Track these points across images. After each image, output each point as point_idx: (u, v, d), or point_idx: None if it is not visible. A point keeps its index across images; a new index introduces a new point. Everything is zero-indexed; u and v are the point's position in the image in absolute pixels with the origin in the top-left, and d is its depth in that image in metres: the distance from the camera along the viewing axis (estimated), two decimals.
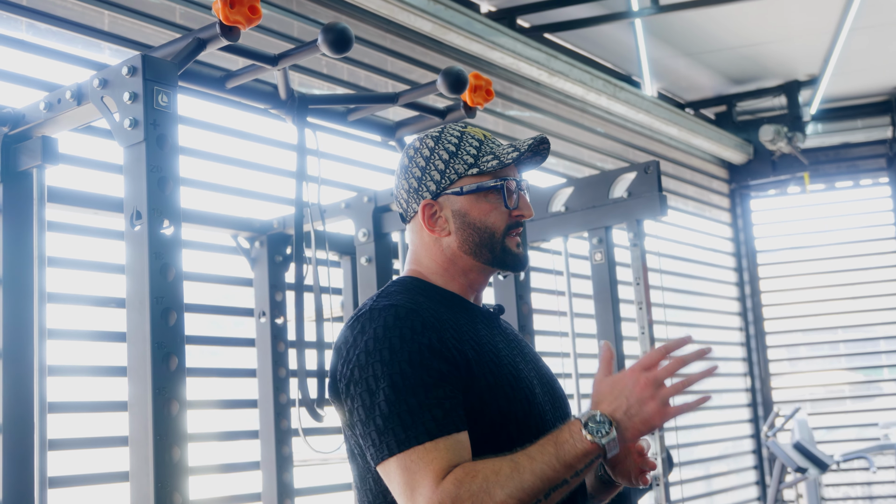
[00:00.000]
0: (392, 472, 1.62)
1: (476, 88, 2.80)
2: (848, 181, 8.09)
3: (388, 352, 1.66)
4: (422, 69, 4.93)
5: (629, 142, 6.72)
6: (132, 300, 2.01)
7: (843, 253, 7.99)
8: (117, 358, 3.17)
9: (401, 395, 1.63)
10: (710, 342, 7.41)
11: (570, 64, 5.67)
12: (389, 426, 1.62)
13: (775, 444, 6.32)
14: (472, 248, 1.83)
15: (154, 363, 1.97)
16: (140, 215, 2.01)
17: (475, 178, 1.83)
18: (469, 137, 1.85)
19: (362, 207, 3.23)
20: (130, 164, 2.05)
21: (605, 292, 3.58)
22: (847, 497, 7.80)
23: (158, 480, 1.94)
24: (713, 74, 7.20)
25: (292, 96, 2.64)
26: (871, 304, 7.92)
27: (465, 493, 1.55)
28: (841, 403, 8.03)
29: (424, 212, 1.85)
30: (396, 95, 2.79)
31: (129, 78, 2.05)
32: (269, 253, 3.47)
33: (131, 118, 2.04)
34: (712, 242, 7.77)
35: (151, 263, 1.99)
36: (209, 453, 3.51)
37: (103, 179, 3.24)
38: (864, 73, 7.35)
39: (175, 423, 1.98)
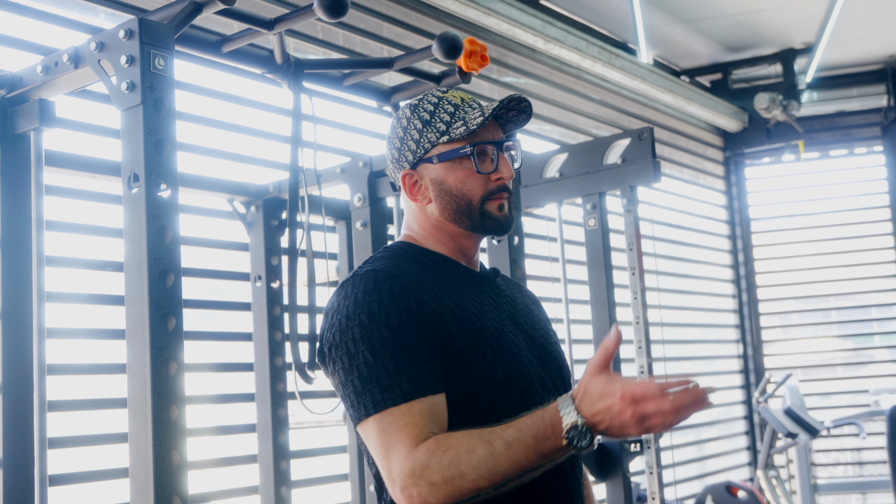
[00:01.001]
0: (369, 432, 1.65)
1: (471, 54, 2.80)
2: (842, 150, 8.11)
3: (366, 316, 1.69)
4: (417, 35, 4.92)
5: (624, 109, 6.73)
6: (130, 262, 2.03)
7: (836, 221, 8.02)
8: (115, 321, 3.20)
9: (378, 358, 1.66)
10: (703, 309, 7.45)
11: (566, 31, 5.67)
12: (367, 388, 1.65)
13: (766, 410, 6.37)
14: (451, 215, 1.85)
15: (152, 324, 1.99)
16: (137, 178, 2.03)
17: (447, 145, 1.84)
18: (445, 104, 1.86)
19: (357, 172, 3.25)
20: (128, 128, 2.06)
21: (599, 258, 3.61)
22: (836, 462, 7.89)
23: (157, 439, 1.97)
24: (709, 42, 7.20)
25: (288, 61, 2.65)
26: (863, 273, 7.96)
27: (436, 466, 1.57)
28: (832, 370, 8.09)
29: (405, 181, 1.88)
30: (392, 60, 2.80)
31: (125, 41, 2.06)
32: (264, 217, 3.49)
33: (128, 81, 2.05)
34: (706, 210, 7.79)
35: (149, 226, 2.01)
36: (205, 416, 3.55)
37: (99, 143, 3.25)
38: (860, 41, 7.35)
39: (173, 383, 2.01)
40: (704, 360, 7.50)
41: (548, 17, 5.53)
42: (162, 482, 1.97)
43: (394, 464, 1.60)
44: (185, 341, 2.06)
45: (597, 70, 6.06)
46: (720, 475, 7.18)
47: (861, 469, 7.81)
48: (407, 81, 3.02)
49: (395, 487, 1.61)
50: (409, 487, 1.58)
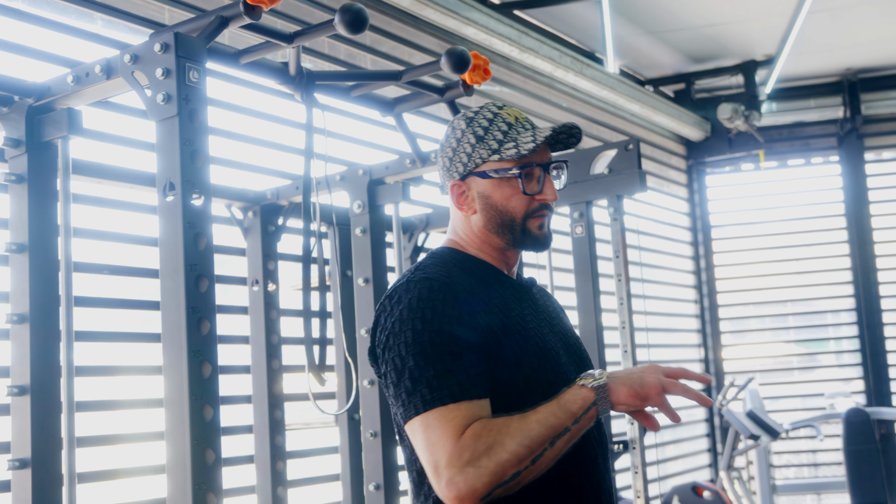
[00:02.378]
0: (416, 430, 1.74)
1: (475, 67, 2.91)
2: (800, 159, 8.34)
3: (419, 321, 1.78)
4: (393, 41, 5.01)
5: (593, 117, 6.87)
6: (166, 268, 2.11)
7: (793, 229, 8.24)
8: (136, 324, 3.29)
9: (429, 362, 1.75)
10: (667, 314, 7.62)
11: (540, 41, 5.79)
12: (417, 389, 1.74)
13: (730, 413, 6.55)
14: (495, 228, 1.95)
15: (189, 328, 2.07)
16: (174, 187, 2.10)
17: (497, 163, 1.93)
18: (500, 121, 1.94)
19: (357, 180, 3.33)
20: (163, 138, 2.13)
21: (586, 265, 3.73)
22: (793, 464, 8.10)
23: (194, 438, 2.05)
24: (673, 53, 7.37)
25: (301, 73, 2.73)
26: (818, 280, 8.19)
27: (482, 446, 1.68)
28: (789, 374, 8.31)
29: (454, 190, 1.98)
30: (399, 73, 2.90)
31: (161, 54, 2.14)
32: (262, 223, 3.56)
33: (164, 93, 2.12)
34: (670, 217, 7.97)
35: (185, 233, 2.09)
36: None
37: (115, 153, 3.31)
38: (819, 54, 7.57)
39: (208, 384, 2.09)
40: (668, 364, 7.65)
41: (523, 28, 5.65)
42: (199, 479, 2.04)
43: (439, 456, 1.69)
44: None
45: (568, 79, 6.19)
46: (682, 477, 7.35)
47: (817, 470, 8.03)
48: (409, 93, 3.11)
49: (441, 480, 1.69)
50: (456, 475, 1.67)
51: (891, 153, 8.30)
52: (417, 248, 3.94)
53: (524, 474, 1.69)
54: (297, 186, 3.45)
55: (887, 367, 7.94)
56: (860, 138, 8.13)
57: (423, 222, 3.94)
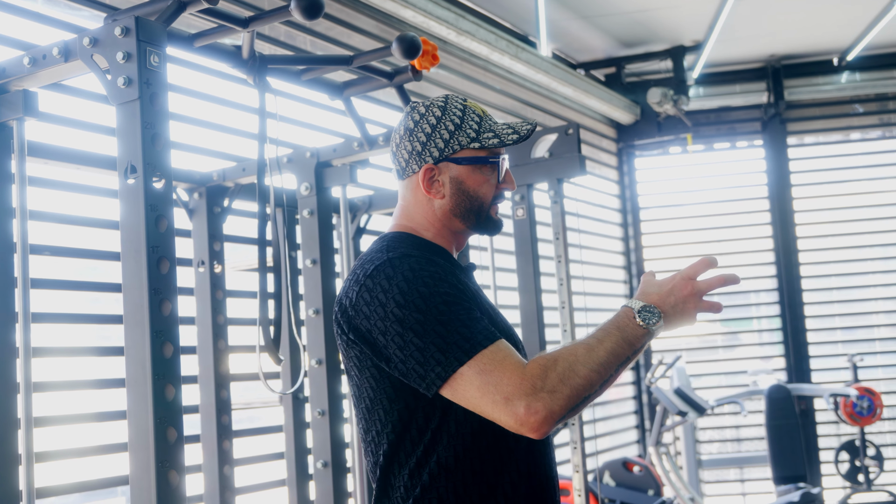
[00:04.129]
0: (467, 380, 1.78)
1: (424, 53, 2.97)
2: (726, 143, 8.55)
3: (423, 287, 1.85)
4: (329, 22, 5.02)
5: (527, 101, 6.97)
6: (128, 250, 2.13)
7: (719, 211, 8.45)
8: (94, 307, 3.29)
9: (450, 317, 1.82)
10: (600, 294, 7.78)
11: (477, 24, 5.86)
12: (450, 344, 1.80)
13: (658, 390, 6.72)
14: (461, 213, 2.05)
15: (151, 309, 2.10)
16: (135, 169, 2.13)
17: (475, 151, 2.04)
18: (471, 112, 2.06)
19: (305, 162, 3.37)
20: (124, 122, 2.15)
21: (527, 246, 3.81)
22: (715, 440, 8.34)
23: (157, 417, 2.08)
24: (605, 37, 7.50)
25: (254, 57, 2.76)
26: (743, 260, 8.42)
27: (552, 373, 1.76)
28: (714, 353, 8.54)
29: (425, 175, 2.05)
30: (350, 58, 2.94)
31: (122, 38, 2.15)
32: (208, 204, 3.58)
33: (125, 77, 2.14)
34: (601, 199, 8.12)
35: (147, 215, 2.11)
36: None
37: (72, 136, 3.30)
38: (745, 40, 7.77)
39: (170, 364, 2.12)
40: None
41: (460, 11, 5.71)
42: (162, 457, 2.08)
43: (509, 389, 1.75)
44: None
45: (504, 63, 6.27)
46: (612, 453, 7.53)
47: (740, 445, 8.28)
48: (358, 78, 3.16)
49: (517, 409, 1.74)
50: (533, 402, 1.74)
51: (812, 138, 8.56)
52: (360, 230, 3.99)
53: (592, 398, 1.81)
54: (243, 168, 3.48)
55: (807, 345, 8.22)
56: (783, 123, 8.36)
57: (367, 204, 3.99)
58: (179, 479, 2.11)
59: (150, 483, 2.06)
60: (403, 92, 3.14)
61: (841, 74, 8.37)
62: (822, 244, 8.35)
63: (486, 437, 1.92)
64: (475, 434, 1.92)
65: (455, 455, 1.91)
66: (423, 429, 1.92)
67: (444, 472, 1.91)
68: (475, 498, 1.92)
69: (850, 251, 8.31)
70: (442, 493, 1.91)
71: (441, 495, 1.91)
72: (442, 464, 1.91)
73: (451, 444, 1.91)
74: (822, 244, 8.35)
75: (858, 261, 8.33)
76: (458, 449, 1.91)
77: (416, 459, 1.93)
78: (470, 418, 1.90)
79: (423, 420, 1.92)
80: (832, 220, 8.34)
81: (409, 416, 1.93)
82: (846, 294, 8.34)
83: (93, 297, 3.37)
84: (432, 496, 1.91)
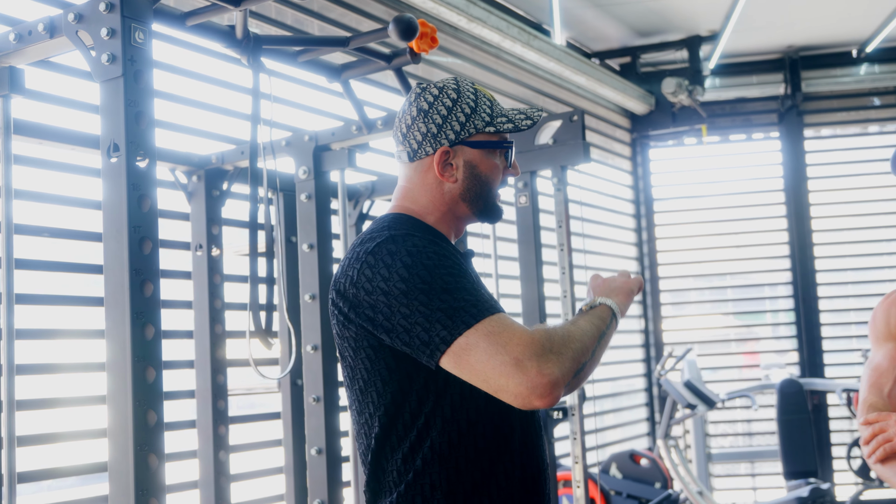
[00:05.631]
0: (473, 343, 1.76)
1: (422, 35, 2.92)
2: (742, 134, 8.45)
3: (428, 260, 1.83)
4: (342, 8, 4.99)
5: (539, 89, 6.90)
6: (109, 230, 2.10)
7: (734, 203, 8.36)
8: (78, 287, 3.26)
9: (456, 287, 1.81)
10: None
11: (488, 11, 5.79)
12: (458, 310, 1.78)
13: (668, 382, 6.66)
14: (471, 197, 2.03)
15: (132, 290, 2.06)
16: (118, 148, 2.09)
17: (489, 135, 2.02)
18: (483, 97, 2.04)
19: (303, 146, 3.33)
20: (108, 99, 2.12)
21: (529, 234, 3.77)
22: (728, 433, 8.27)
23: (136, 400, 2.05)
24: (620, 26, 7.41)
25: (248, 36, 2.72)
26: (757, 253, 8.33)
27: (557, 339, 1.78)
28: (726, 346, 8.46)
29: (440, 157, 2.00)
30: (347, 39, 2.89)
31: (106, 14, 2.12)
32: (206, 187, 3.55)
33: (109, 53, 2.11)
34: (614, 189, 8.04)
35: (129, 194, 2.08)
36: None
37: (58, 114, 3.26)
38: (762, 31, 7.67)
39: (151, 346, 2.09)
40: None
41: None
42: (141, 441, 2.05)
43: (519, 351, 1.74)
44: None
45: (516, 50, 6.20)
46: (621, 445, 7.47)
47: (751, 440, 8.21)
48: (357, 60, 3.11)
49: (528, 371, 1.73)
50: (544, 364, 1.73)
51: (829, 130, 8.46)
52: (363, 216, 3.95)
53: (588, 366, 1.84)
54: (242, 151, 3.44)
55: (821, 339, 8.12)
56: (800, 115, 8.26)
57: (369, 190, 3.95)
58: (159, 464, 2.07)
59: (128, 467, 2.03)
60: (402, 75, 3.10)
61: (859, 66, 8.25)
62: (837, 238, 8.24)
63: (481, 424, 1.90)
64: (470, 421, 1.89)
65: (450, 441, 1.88)
66: (417, 413, 1.89)
67: (438, 458, 1.88)
68: (468, 485, 1.88)
69: (865, 245, 8.21)
70: (435, 480, 1.87)
71: (434, 481, 1.87)
72: (436, 449, 1.87)
73: (446, 430, 1.88)
74: (838, 238, 8.24)
75: (874, 255, 8.23)
76: (453, 435, 1.88)
77: (410, 444, 1.89)
78: (466, 404, 1.87)
79: (416, 403, 1.88)
80: (848, 214, 8.23)
81: (403, 398, 1.89)
82: (861, 288, 8.23)
83: (80, 279, 3.32)
84: (425, 482, 1.88)
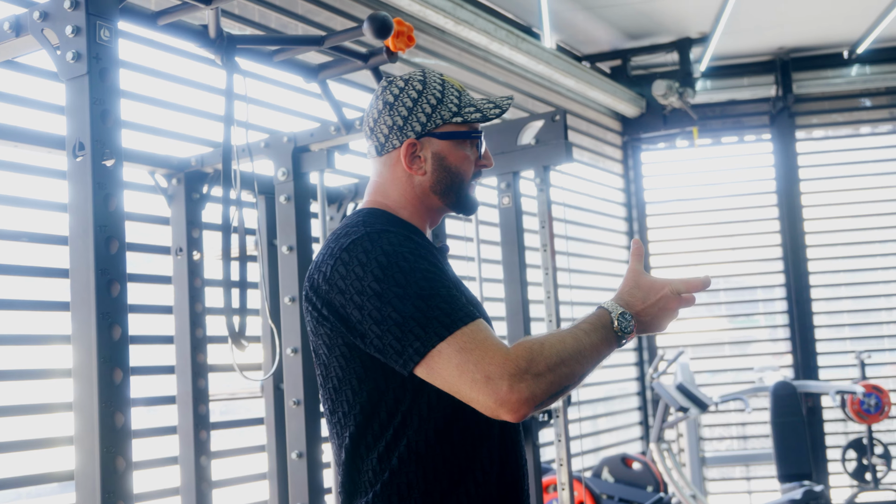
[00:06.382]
0: (445, 357, 1.71)
1: (398, 34, 2.89)
2: (733, 137, 8.43)
3: (403, 261, 1.78)
4: (328, 12, 4.97)
5: (529, 92, 6.88)
6: (75, 230, 2.07)
7: (726, 206, 8.34)
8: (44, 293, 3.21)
9: (430, 292, 1.75)
10: (601, 289, 7.69)
11: (475, 13, 5.78)
12: (430, 319, 1.72)
13: (660, 386, 6.63)
14: (442, 189, 1.99)
15: (98, 290, 2.03)
16: (83, 147, 2.06)
17: (457, 126, 1.98)
18: (450, 87, 2.00)
19: (282, 147, 3.30)
20: (73, 97, 2.09)
21: (512, 235, 3.74)
22: (722, 437, 8.24)
23: (102, 402, 2.02)
24: (609, 28, 7.40)
25: (221, 36, 2.69)
26: (749, 255, 8.31)
27: (539, 358, 1.71)
28: (720, 349, 8.43)
29: (407, 150, 1.97)
30: (322, 38, 2.87)
31: (71, 11, 2.09)
32: (186, 190, 3.52)
33: (74, 51, 2.08)
34: (605, 193, 8.02)
35: (95, 193, 2.05)
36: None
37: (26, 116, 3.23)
38: (752, 32, 7.65)
39: (118, 347, 2.06)
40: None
41: (458, 0, 5.63)
42: (108, 444, 2.01)
43: (491, 368, 1.68)
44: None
45: (504, 53, 6.19)
46: (615, 448, 7.44)
47: (745, 443, 8.18)
48: (334, 59, 3.09)
49: (498, 388, 1.68)
50: (516, 384, 1.67)
51: (821, 132, 8.44)
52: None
53: (570, 389, 1.78)
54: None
55: (814, 341, 8.10)
56: (792, 117, 8.24)
57: (352, 192, 3.92)
58: (126, 468, 2.04)
59: (94, 470, 1.99)
60: (379, 74, 3.07)
61: (851, 67, 8.24)
62: (830, 239, 8.22)
63: (458, 423, 1.86)
64: (447, 419, 1.85)
65: (426, 440, 1.84)
66: (393, 411, 1.85)
67: (415, 458, 1.84)
68: (445, 484, 1.85)
69: (859, 247, 8.19)
70: (412, 479, 1.84)
71: (411, 481, 1.84)
72: (412, 448, 1.84)
73: (423, 429, 1.84)
74: (831, 239, 8.22)
75: (867, 256, 8.21)
76: (430, 434, 1.84)
77: (386, 443, 1.86)
78: (443, 402, 1.83)
79: (392, 402, 1.85)
80: (841, 216, 8.21)
81: (379, 397, 1.85)
82: (855, 290, 8.21)
83: (46, 284, 3.27)
84: (401, 481, 1.84)
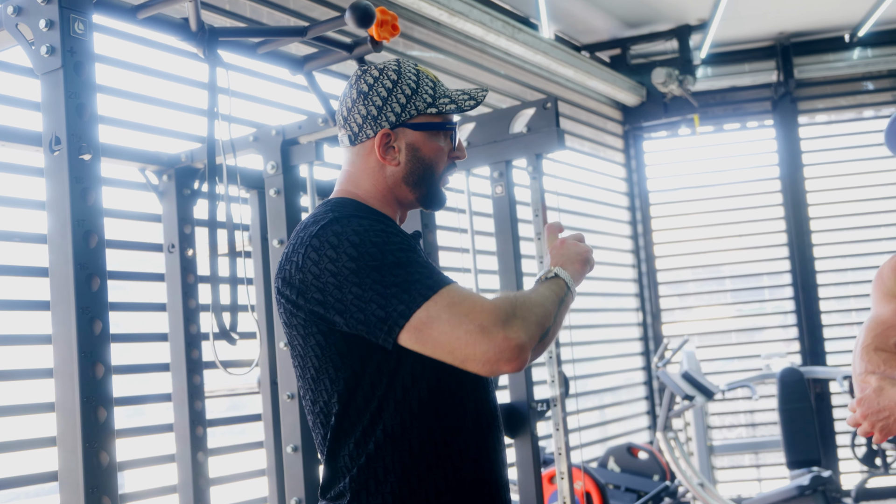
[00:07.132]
0: (433, 314, 1.72)
1: (382, 23, 2.87)
2: (735, 123, 8.38)
3: (376, 238, 1.79)
4: (323, 7, 4.95)
5: (527, 83, 6.85)
6: (54, 225, 2.06)
7: (730, 193, 8.30)
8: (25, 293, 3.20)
9: (410, 260, 1.78)
10: (605, 279, 7.66)
11: (470, 5, 5.75)
12: (413, 279, 1.74)
13: (665, 374, 6.61)
14: (414, 181, 1.99)
15: (77, 285, 2.03)
16: (59, 141, 2.06)
17: (431, 117, 1.98)
18: (425, 77, 2.00)
19: (270, 140, 3.29)
20: (48, 92, 2.08)
21: (506, 224, 3.72)
22: (730, 425, 8.20)
23: (84, 399, 2.01)
24: (608, 18, 7.36)
25: (203, 28, 2.68)
26: (755, 242, 8.26)
27: (520, 305, 1.76)
28: (726, 337, 8.39)
29: (381, 140, 1.96)
30: (305, 29, 2.85)
31: (44, 5, 2.08)
32: (177, 186, 3.51)
33: (48, 45, 2.07)
34: (607, 182, 7.99)
35: (72, 188, 2.04)
36: (120, 385, 3.55)
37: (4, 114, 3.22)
38: (752, 18, 7.60)
39: (98, 342, 2.05)
40: (606, 328, 7.71)
41: None
42: (90, 438, 2.01)
43: (482, 318, 1.70)
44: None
45: (500, 44, 6.16)
46: (621, 438, 7.41)
47: (754, 430, 8.14)
48: (319, 50, 3.07)
49: (494, 337, 1.70)
50: (510, 331, 1.70)
51: (824, 116, 8.39)
52: None
53: (552, 330, 1.82)
54: None
55: (821, 327, 8.06)
56: (794, 102, 8.19)
57: None
58: (110, 463, 2.03)
59: (77, 466, 1.98)
60: (364, 64, 3.05)
61: (852, 51, 8.18)
62: (836, 224, 8.17)
63: (433, 405, 1.87)
64: (422, 401, 1.85)
65: (402, 423, 1.85)
66: (370, 396, 1.85)
67: (391, 442, 1.84)
68: (422, 467, 1.85)
69: (864, 231, 8.14)
70: (388, 463, 1.84)
71: (387, 465, 1.84)
72: (388, 433, 1.84)
73: (398, 412, 1.84)
74: (836, 224, 8.17)
75: (873, 241, 8.16)
76: (405, 416, 1.85)
77: (363, 428, 1.86)
78: (417, 384, 1.84)
79: (369, 387, 1.85)
80: (845, 200, 8.16)
81: (356, 383, 1.85)
82: (861, 274, 8.15)
83: (26, 283, 3.24)
84: (378, 465, 1.85)
